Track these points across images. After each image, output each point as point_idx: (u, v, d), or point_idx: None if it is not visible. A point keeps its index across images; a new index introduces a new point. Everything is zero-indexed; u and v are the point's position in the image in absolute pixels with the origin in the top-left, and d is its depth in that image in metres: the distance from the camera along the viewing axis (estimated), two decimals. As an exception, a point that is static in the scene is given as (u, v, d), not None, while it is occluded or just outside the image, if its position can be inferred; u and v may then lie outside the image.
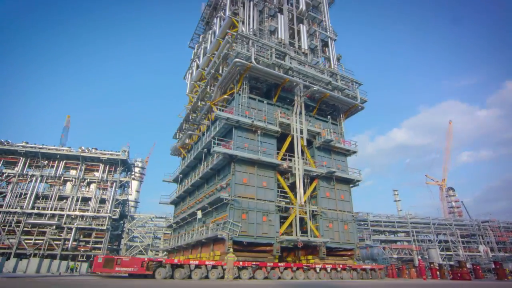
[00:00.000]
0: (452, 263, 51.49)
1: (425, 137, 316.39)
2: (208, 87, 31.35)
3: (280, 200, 23.52)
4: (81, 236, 44.77)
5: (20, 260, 34.47)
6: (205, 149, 27.62)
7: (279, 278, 19.04)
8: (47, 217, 43.81)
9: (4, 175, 45.92)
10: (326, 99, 28.75)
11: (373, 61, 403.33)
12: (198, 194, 29.08)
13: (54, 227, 43.55)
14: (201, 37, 45.41)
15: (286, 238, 21.70)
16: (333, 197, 26.36)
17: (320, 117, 29.69)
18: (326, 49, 34.37)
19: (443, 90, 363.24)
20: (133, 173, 64.79)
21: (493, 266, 34.15)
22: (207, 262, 17.89)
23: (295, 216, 23.00)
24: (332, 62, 32.71)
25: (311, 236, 22.83)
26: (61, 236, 43.39)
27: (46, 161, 47.94)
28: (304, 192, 24.07)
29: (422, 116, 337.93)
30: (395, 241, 62.66)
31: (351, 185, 28.33)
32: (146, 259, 16.85)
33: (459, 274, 27.05)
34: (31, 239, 42.74)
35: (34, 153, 46.97)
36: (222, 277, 17.68)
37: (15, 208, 43.14)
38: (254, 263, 18.73)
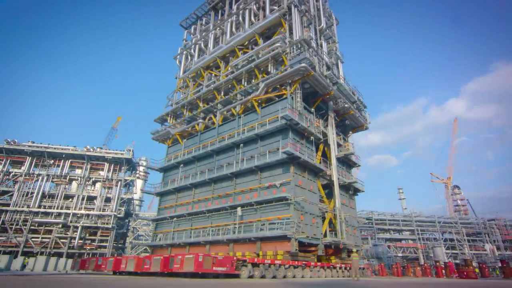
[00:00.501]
0: (457, 261, 51.14)
1: (488, 108, 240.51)
2: (243, 80, 30.51)
3: (321, 204, 25.00)
4: (87, 235, 45.30)
5: (27, 258, 34.99)
6: (242, 143, 26.91)
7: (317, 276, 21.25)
8: (53, 215, 44.34)
9: (11, 174, 46.63)
10: (346, 116, 31.14)
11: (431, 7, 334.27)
12: (216, 189, 27.93)
13: (60, 226, 44.12)
14: (203, 19, 43.80)
15: (334, 239, 23.40)
16: (347, 204, 28.73)
17: (337, 130, 31.58)
18: (335, 69, 35.46)
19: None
20: (137, 172, 65.25)
21: (500, 265, 33.85)
22: (276, 261, 18.69)
23: (336, 220, 25.06)
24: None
25: (339, 238, 24.57)
26: (67, 234, 43.94)
27: (52, 160, 48.49)
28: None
29: (491, 77, 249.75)
30: (400, 240, 62.45)
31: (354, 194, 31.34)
32: (234, 258, 16.54)
33: (465, 273, 26.85)
34: (38, 238, 43.41)
35: (40, 153, 47.50)
36: (285, 276, 18.32)
37: (22, 207, 43.77)
38: (303, 262, 20.24)
